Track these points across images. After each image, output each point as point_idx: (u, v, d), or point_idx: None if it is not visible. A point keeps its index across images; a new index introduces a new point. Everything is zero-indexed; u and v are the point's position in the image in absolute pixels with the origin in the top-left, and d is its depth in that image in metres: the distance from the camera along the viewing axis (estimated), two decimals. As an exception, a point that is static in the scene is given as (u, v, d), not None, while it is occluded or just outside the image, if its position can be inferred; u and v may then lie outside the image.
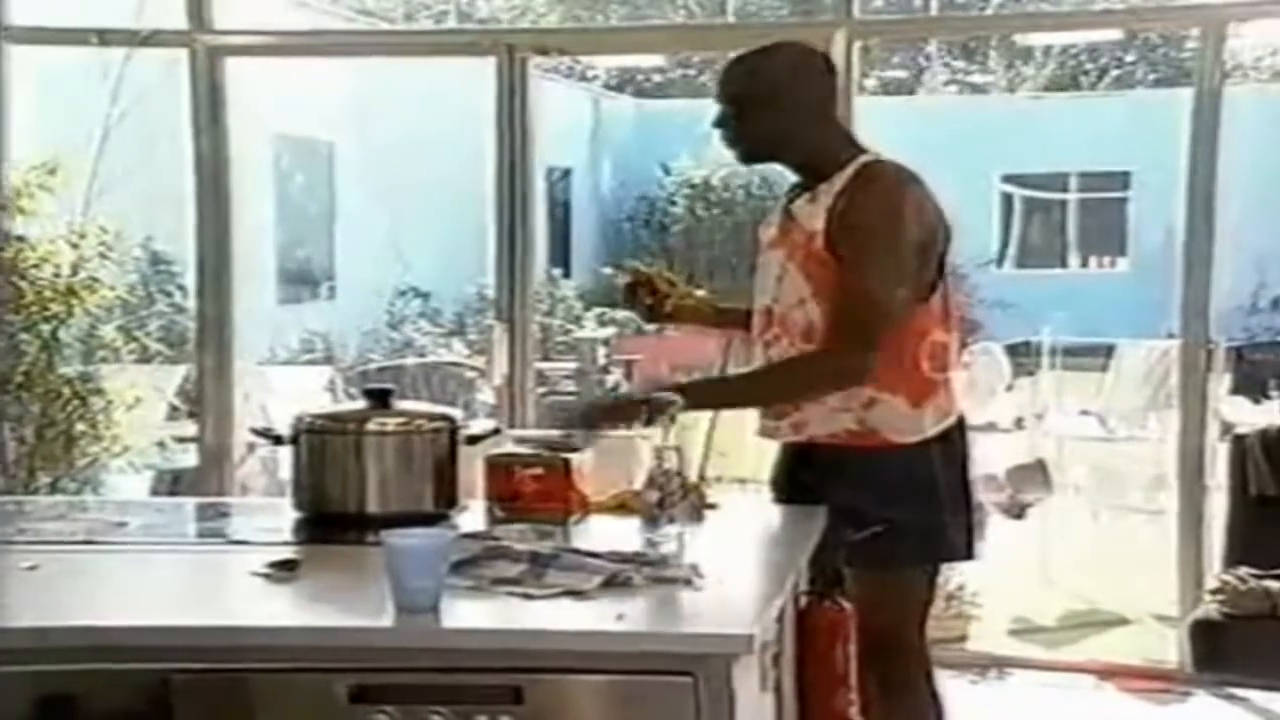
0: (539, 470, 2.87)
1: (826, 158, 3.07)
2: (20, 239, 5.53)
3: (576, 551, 2.48)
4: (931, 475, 3.07)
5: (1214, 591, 4.29)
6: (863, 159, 3.06)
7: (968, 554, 3.18)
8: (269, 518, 2.99)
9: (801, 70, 3.12)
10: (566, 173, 16.34)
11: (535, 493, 2.85)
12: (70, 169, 5.64)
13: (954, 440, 3.12)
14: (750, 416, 3.27)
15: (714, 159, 15.60)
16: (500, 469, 2.88)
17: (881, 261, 2.96)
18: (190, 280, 5.83)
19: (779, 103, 3.06)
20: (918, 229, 3.01)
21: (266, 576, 2.48)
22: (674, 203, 16.90)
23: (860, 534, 2.97)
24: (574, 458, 2.89)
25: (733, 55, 3.16)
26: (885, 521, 2.99)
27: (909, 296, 3.00)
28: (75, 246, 5.59)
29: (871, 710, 3.08)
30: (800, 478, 3.11)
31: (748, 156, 3.16)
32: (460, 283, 12.63)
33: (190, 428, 5.89)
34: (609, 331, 12.16)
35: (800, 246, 3.05)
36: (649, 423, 2.77)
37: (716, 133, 3.13)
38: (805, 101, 3.08)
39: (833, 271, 2.98)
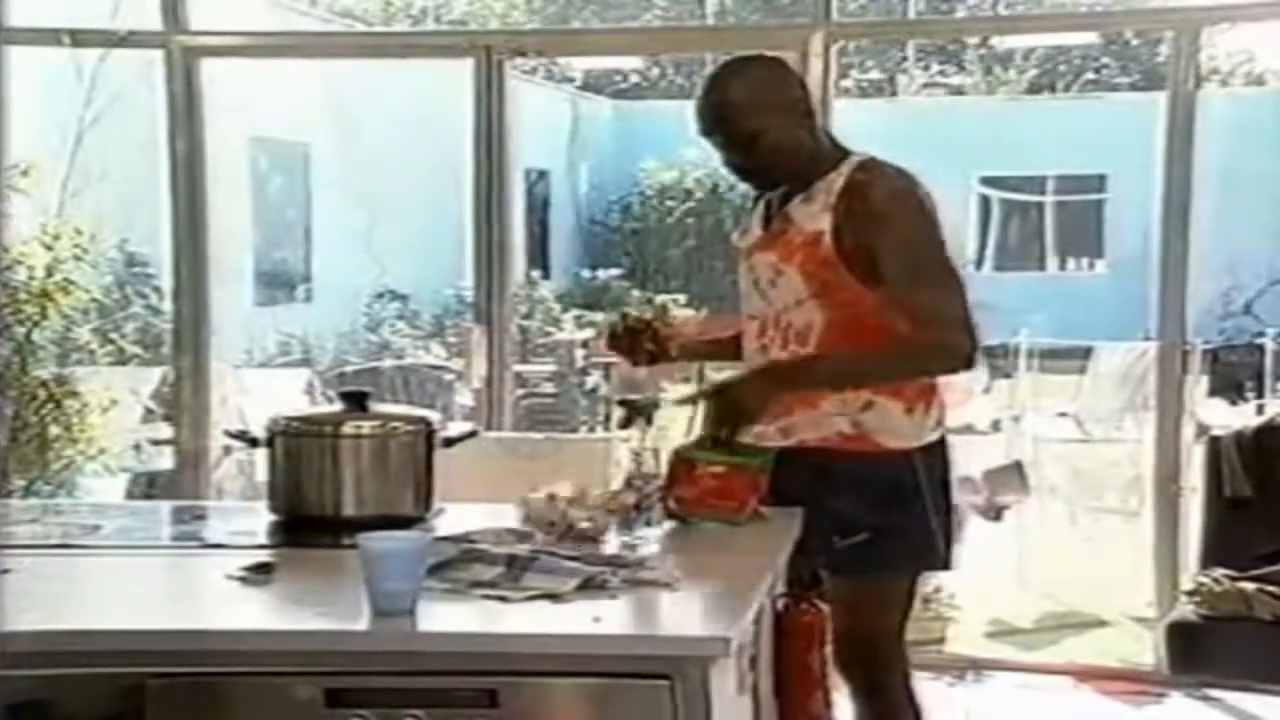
0: (721, 469, 2.85)
1: (822, 157, 3.04)
2: (-7, 240, 5.51)
3: (553, 554, 2.48)
4: (919, 482, 3.04)
5: (1190, 593, 4.30)
6: (856, 158, 3.03)
7: (945, 564, 3.15)
8: (244, 521, 2.98)
9: (784, 78, 3.10)
10: (544, 174, 16.32)
11: (715, 490, 2.83)
12: (43, 170, 5.61)
13: (941, 447, 3.10)
14: None
15: (691, 160, 15.61)
16: (683, 465, 2.84)
17: (931, 249, 2.95)
18: (166, 282, 5.81)
19: (790, 116, 3.01)
20: (935, 220, 3.00)
21: (242, 580, 2.47)
22: (651, 204, 16.89)
23: (847, 540, 2.96)
24: (759, 461, 2.87)
25: (707, 98, 3.02)
26: (874, 527, 2.97)
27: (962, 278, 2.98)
28: (49, 248, 5.57)
29: (852, 714, 3.08)
30: (781, 484, 2.98)
31: (772, 183, 3.10)
32: (438, 285, 12.60)
33: (166, 430, 5.86)
34: (588, 333, 12.15)
35: (799, 248, 2.99)
36: (627, 424, 2.76)
37: (708, 147, 3.06)
38: (802, 106, 3.05)
39: (836, 271, 2.95)
